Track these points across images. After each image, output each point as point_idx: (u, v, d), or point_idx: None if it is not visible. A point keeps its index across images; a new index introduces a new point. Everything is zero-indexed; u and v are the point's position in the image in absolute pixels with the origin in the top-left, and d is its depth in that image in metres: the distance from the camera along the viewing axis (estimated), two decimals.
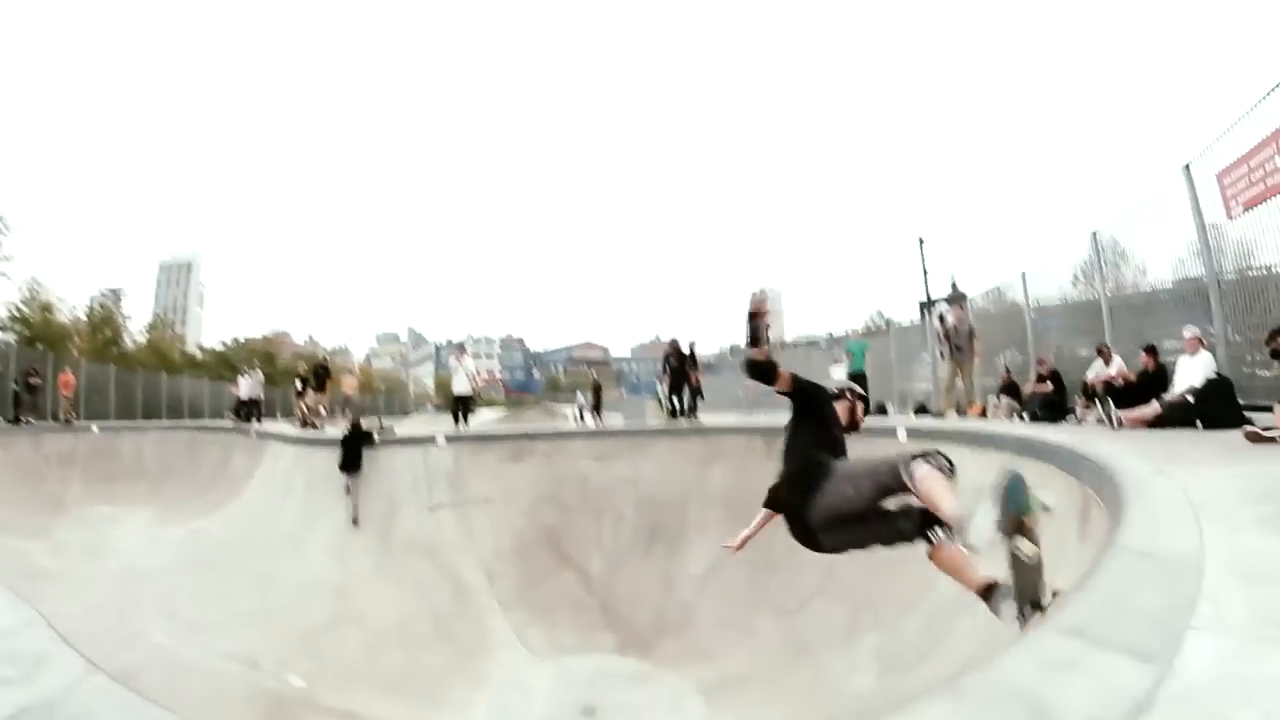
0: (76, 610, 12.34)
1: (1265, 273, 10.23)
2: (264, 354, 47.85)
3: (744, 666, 10.77)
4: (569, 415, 34.96)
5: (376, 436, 16.27)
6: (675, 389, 19.32)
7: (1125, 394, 10.73)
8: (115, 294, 44.14)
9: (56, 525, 18.06)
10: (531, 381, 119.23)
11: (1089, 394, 11.63)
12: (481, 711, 10.46)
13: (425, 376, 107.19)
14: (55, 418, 24.89)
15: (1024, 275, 16.28)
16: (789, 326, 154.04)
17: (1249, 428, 7.46)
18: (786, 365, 5.30)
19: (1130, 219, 12.93)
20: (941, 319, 16.17)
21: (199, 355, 54.69)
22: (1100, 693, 2.40)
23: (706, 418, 19.30)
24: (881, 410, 15.88)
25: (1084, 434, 9.18)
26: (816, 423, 5.27)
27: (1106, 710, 2.30)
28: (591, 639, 12.32)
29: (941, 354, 15.79)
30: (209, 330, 78.55)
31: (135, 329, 46.27)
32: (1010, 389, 14.17)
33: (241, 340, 56.87)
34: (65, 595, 13.06)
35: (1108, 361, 11.98)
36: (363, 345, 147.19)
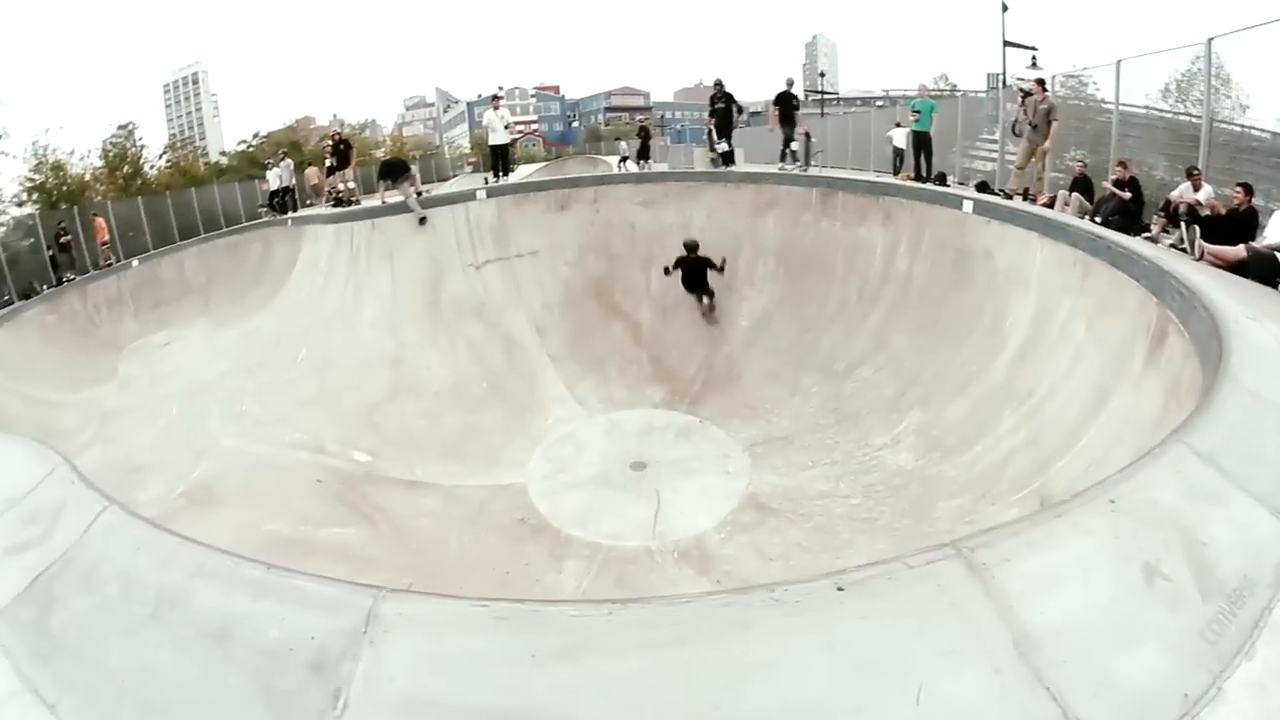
0: (149, 438, 12.92)
1: None
2: (290, 143, 46.78)
3: (788, 426, 10.81)
4: (613, 165, 33.55)
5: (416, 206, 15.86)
6: (722, 132, 18.10)
7: (1211, 226, 9.64)
8: (125, 129, 43.46)
9: (119, 364, 18.49)
10: (571, 132, 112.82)
11: (1171, 214, 10.54)
12: (536, 468, 10.77)
13: (460, 138, 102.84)
14: (96, 266, 25.02)
15: (1119, 65, 13.88)
16: (844, 81, 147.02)
17: None
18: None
19: (1248, 39, 10.95)
20: (1024, 92, 14.97)
21: (224, 162, 54.38)
22: (1246, 545, 2.46)
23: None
24: (941, 180, 15.12)
25: (1163, 254, 8.48)
26: None
27: (1257, 566, 2.36)
28: (641, 392, 12.42)
29: (1016, 130, 14.46)
30: (231, 136, 77.06)
31: (154, 157, 45.83)
32: (1083, 185, 12.81)
33: (264, 135, 55.49)
34: (137, 426, 13.59)
35: (1197, 187, 10.56)
36: (391, 114, 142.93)
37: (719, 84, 18.14)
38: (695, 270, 13.03)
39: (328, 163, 22.45)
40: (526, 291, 14.33)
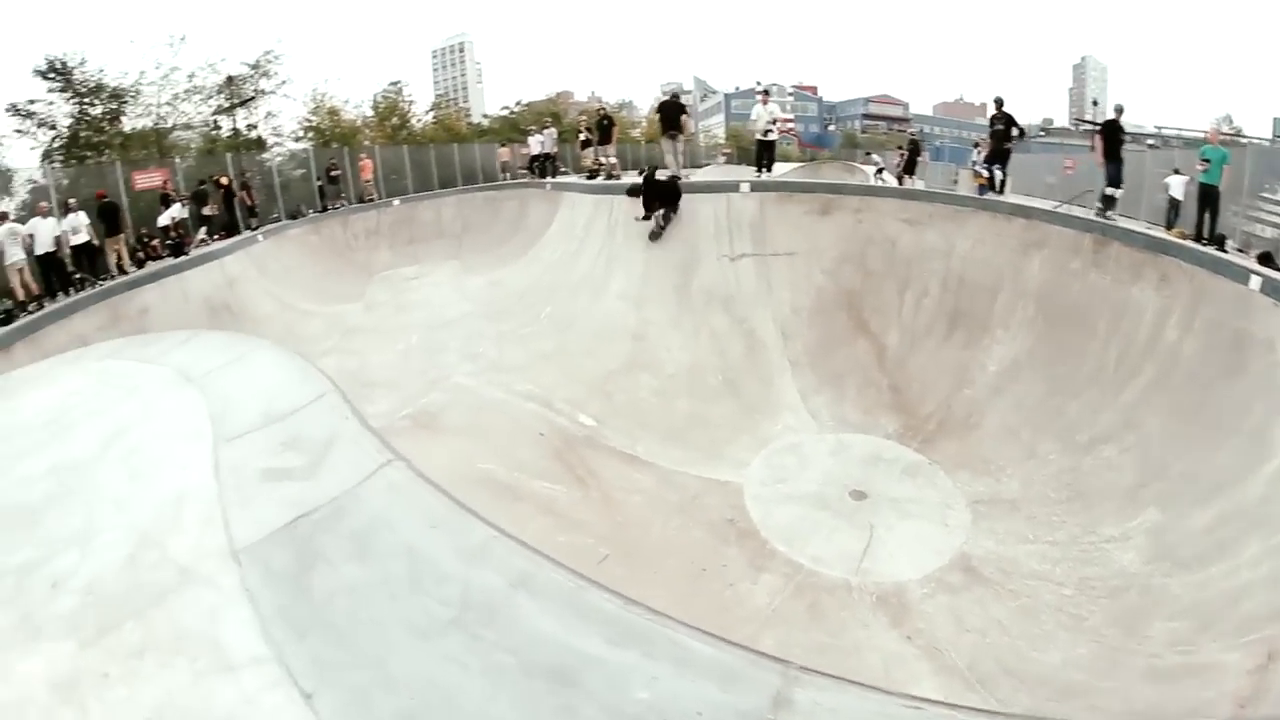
0: (389, 358, 13.68)
1: None
2: (550, 113, 48.62)
3: (1017, 491, 10.03)
4: (869, 175, 32.05)
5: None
6: (996, 157, 16.84)
7: None
8: (396, 85, 46.60)
9: (368, 288, 19.61)
10: (826, 135, 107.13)
11: None
12: (756, 471, 10.52)
13: (716, 128, 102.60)
14: (360, 200, 26.85)
15: None
16: (1110, 110, 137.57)
17: None
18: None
19: None
20: None
21: (485, 124, 56.93)
22: None
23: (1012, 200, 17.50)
24: (1220, 244, 13.49)
25: None
26: None
27: None
28: (875, 418, 11.88)
29: None
30: (491, 104, 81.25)
31: (420, 112, 48.74)
32: None
33: (525, 103, 57.96)
34: (378, 345, 14.42)
35: None
36: (647, 97, 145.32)
37: (999, 103, 16.79)
38: (668, 192, 14.29)
39: (582, 137, 23.00)
40: (777, 292, 14.01)
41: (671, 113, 17.65)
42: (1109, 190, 14.12)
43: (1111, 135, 14.70)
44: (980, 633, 7.52)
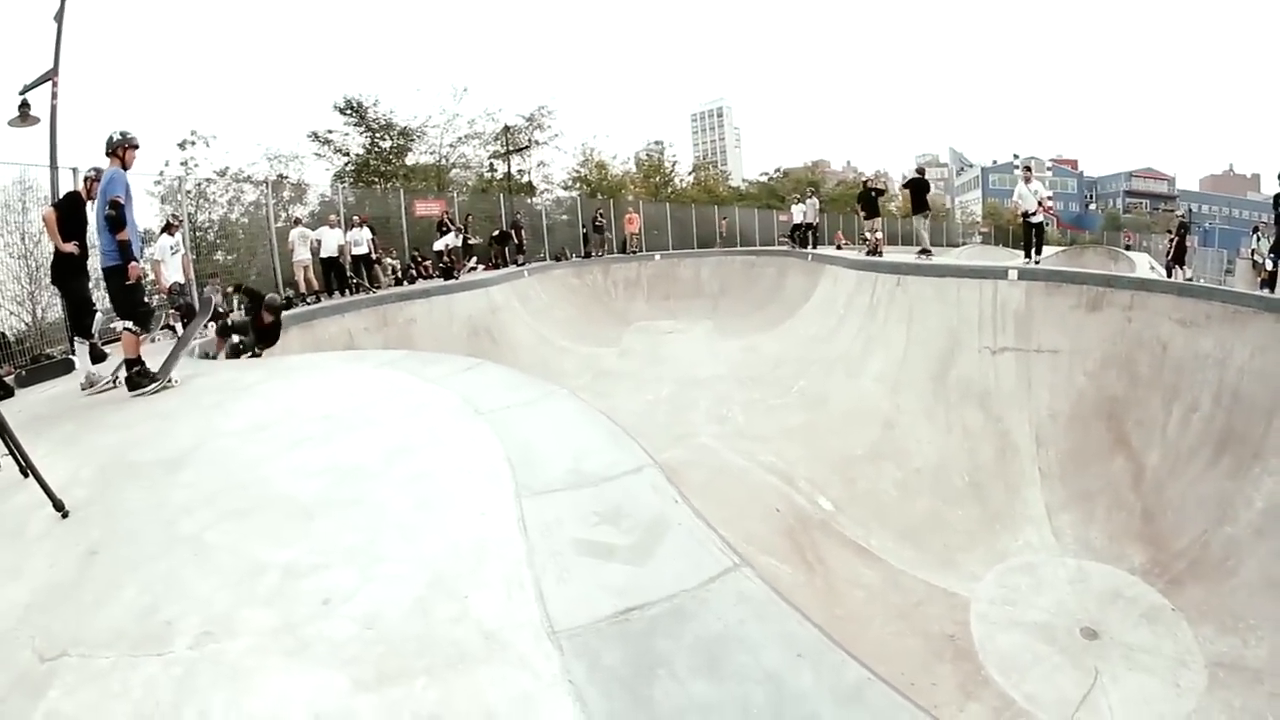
0: (638, 406, 14.28)
1: None
2: (810, 182, 49.28)
3: (1264, 659, 8.84)
4: (1136, 264, 28.72)
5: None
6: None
7: None
8: (659, 144, 49.19)
9: (623, 335, 20.62)
10: (1088, 216, 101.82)
11: None
12: (986, 589, 10.21)
13: (972, 204, 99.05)
14: (623, 250, 28.37)
15: None
16: None
17: None
18: None
19: None
20: None
21: (744, 188, 58.32)
22: None
23: None
24: None
25: None
26: None
27: None
28: (1121, 547, 11.14)
29: None
30: (749, 168, 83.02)
31: (683, 172, 51.00)
32: None
33: (783, 171, 59.43)
34: (629, 392, 15.13)
35: None
36: (902, 168, 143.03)
37: None
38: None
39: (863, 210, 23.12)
40: (1037, 392, 13.40)
41: (919, 190, 17.72)
42: None
43: None
44: None
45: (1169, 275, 21.86)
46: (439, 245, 20.51)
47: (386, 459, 5.01)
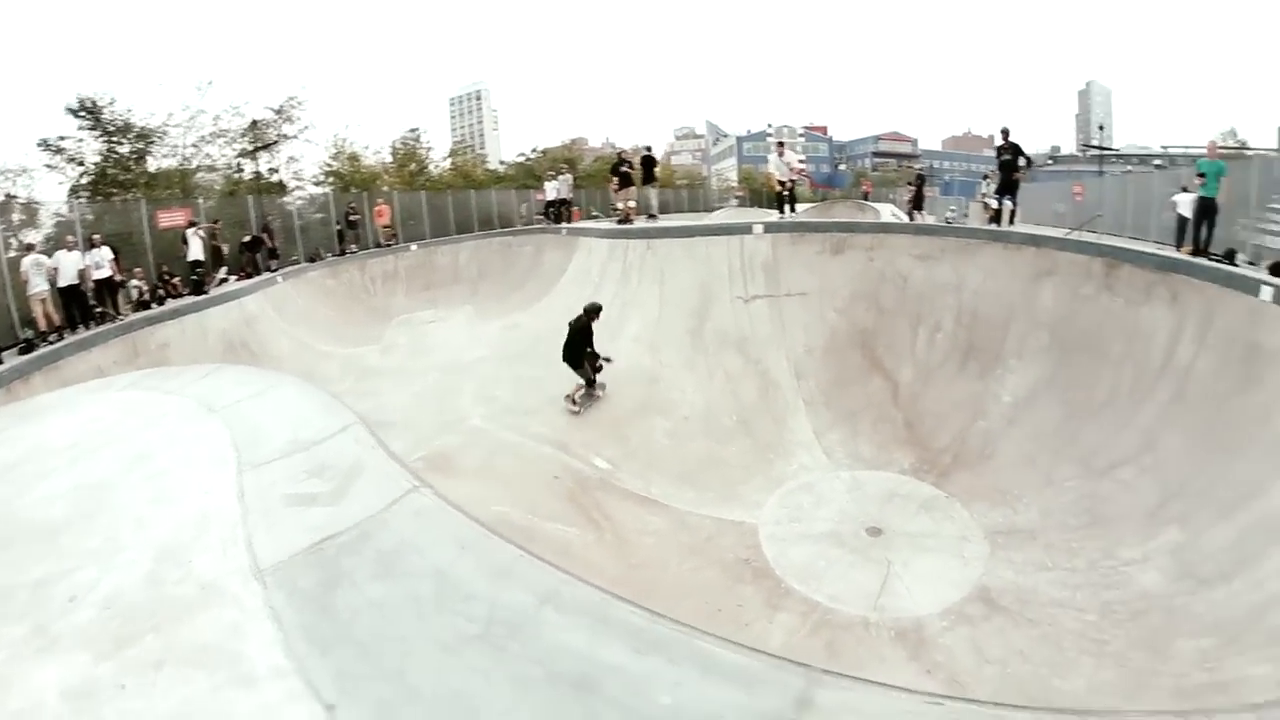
0: (405, 399, 13.81)
1: None
2: (565, 160, 49.20)
3: (1035, 519, 10.01)
4: (880, 213, 31.29)
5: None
6: (1005, 189, 16.99)
7: None
8: (414, 132, 47.44)
9: (385, 331, 19.91)
10: (837, 175, 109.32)
11: None
12: (770, 511, 10.50)
13: (728, 171, 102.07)
14: (377, 245, 27.30)
15: None
16: (1118, 134, 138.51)
17: None
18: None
19: None
20: None
21: (502, 170, 57.69)
22: None
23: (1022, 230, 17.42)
24: (1230, 258, 13.55)
25: None
26: None
27: None
28: (889, 454, 11.88)
29: None
30: (508, 149, 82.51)
31: (438, 158, 49.61)
32: None
33: (540, 150, 58.50)
34: (395, 388, 14.59)
35: None
36: (661, 143, 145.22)
37: (1005, 133, 16.96)
38: (578, 337, 12.61)
39: (617, 181, 23.19)
40: (790, 332, 14.15)
41: (647, 165, 18.99)
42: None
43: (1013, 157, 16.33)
44: (1001, 663, 7.47)
45: (910, 220, 23.87)
46: (192, 255, 18.93)
47: (127, 468, 5.52)
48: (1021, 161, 16.96)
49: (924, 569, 9.22)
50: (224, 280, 20.03)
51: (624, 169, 21.42)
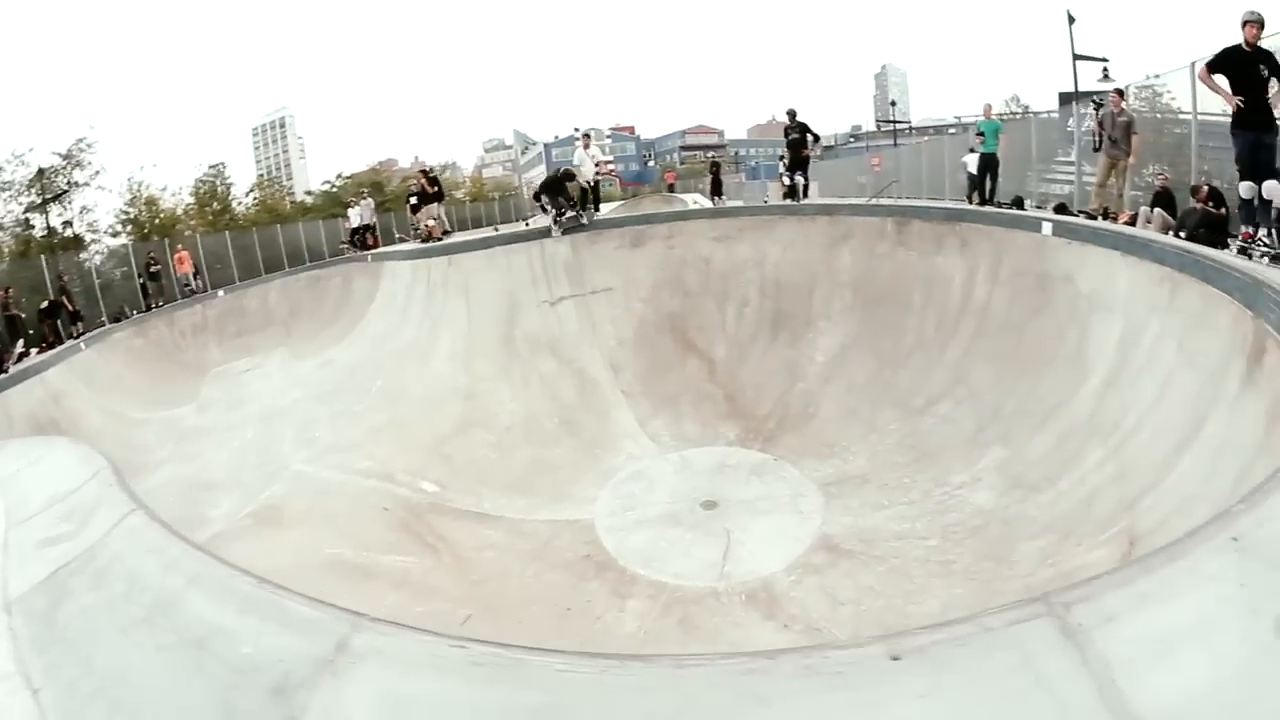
0: (226, 457, 13.23)
1: None
2: (372, 183, 48.00)
3: (864, 465, 10.48)
4: (688, 203, 32.63)
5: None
6: (795, 165, 17.71)
7: None
8: (216, 168, 45.10)
9: (201, 387, 18.96)
10: (647, 171, 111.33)
11: (1255, 220, 9.40)
12: (604, 504, 10.57)
13: (538, 178, 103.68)
14: (183, 294, 25.91)
15: (1193, 66, 12.30)
16: (915, 110, 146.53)
17: None
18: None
19: None
20: (1098, 105, 14.41)
21: (309, 201, 55.84)
22: None
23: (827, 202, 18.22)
24: (1019, 205, 14.69)
25: (1257, 266, 7.92)
26: None
27: None
28: (714, 429, 12.15)
29: (1095, 146, 13.98)
30: (316, 177, 79.79)
31: (242, 194, 47.51)
32: (1165, 200, 12.01)
33: (347, 176, 57.11)
34: (214, 447, 13.95)
35: None
36: (471, 157, 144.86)
37: (792, 114, 17.80)
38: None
39: (412, 201, 22.81)
40: (600, 328, 14.34)
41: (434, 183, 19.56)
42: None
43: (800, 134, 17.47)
44: (855, 603, 7.72)
45: (711, 204, 24.73)
46: None
47: None
48: (810, 139, 17.75)
49: (763, 531, 9.45)
50: (24, 355, 18.60)
51: (417, 191, 21.87)
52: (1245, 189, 8.74)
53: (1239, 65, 8.57)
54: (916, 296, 12.23)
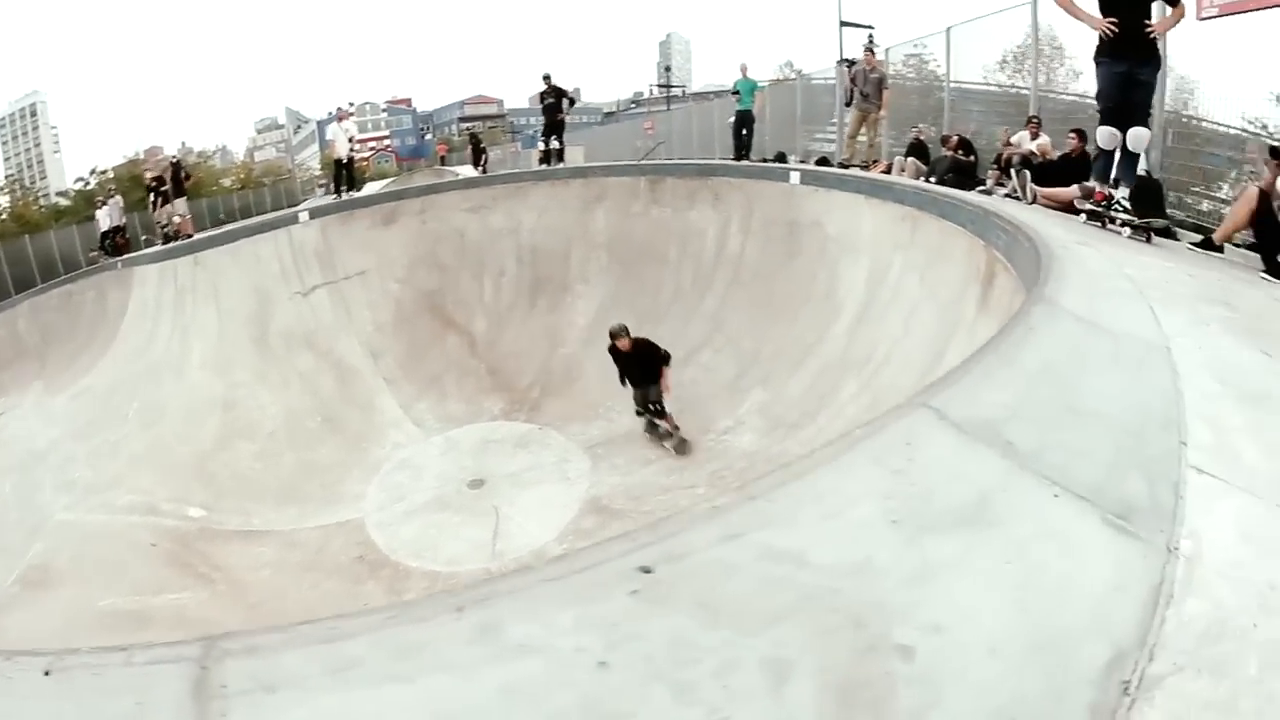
0: None
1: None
2: (130, 177, 44.08)
3: (629, 423, 10.79)
4: (459, 174, 33.56)
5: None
6: (551, 129, 18.06)
7: (1044, 173, 9.82)
8: None
9: None
10: (424, 146, 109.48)
11: (1003, 165, 10.57)
12: (373, 499, 10.58)
13: (311, 159, 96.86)
14: None
15: (949, 31, 14.09)
16: (697, 76, 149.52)
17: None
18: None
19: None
20: (850, 62, 15.19)
21: (62, 203, 51.72)
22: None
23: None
24: (781, 159, 15.40)
25: (993, 202, 8.71)
26: None
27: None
28: (479, 405, 12.33)
29: (847, 102, 14.68)
30: (74, 172, 72.77)
31: None
32: (919, 150, 13.19)
33: (103, 170, 52.14)
34: None
35: (1034, 136, 11.01)
36: (243, 139, 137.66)
37: (547, 78, 17.97)
38: (641, 364, 10.14)
39: (152, 197, 21.65)
40: (357, 314, 14.05)
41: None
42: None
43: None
44: None
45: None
46: None
47: None
48: (565, 104, 18.05)
49: (531, 502, 9.74)
50: None
51: (157, 185, 20.85)
52: (1105, 136, 7.08)
53: None
54: (672, 251, 12.69)
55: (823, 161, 15.11)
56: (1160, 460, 1.93)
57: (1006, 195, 9.98)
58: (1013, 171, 10.05)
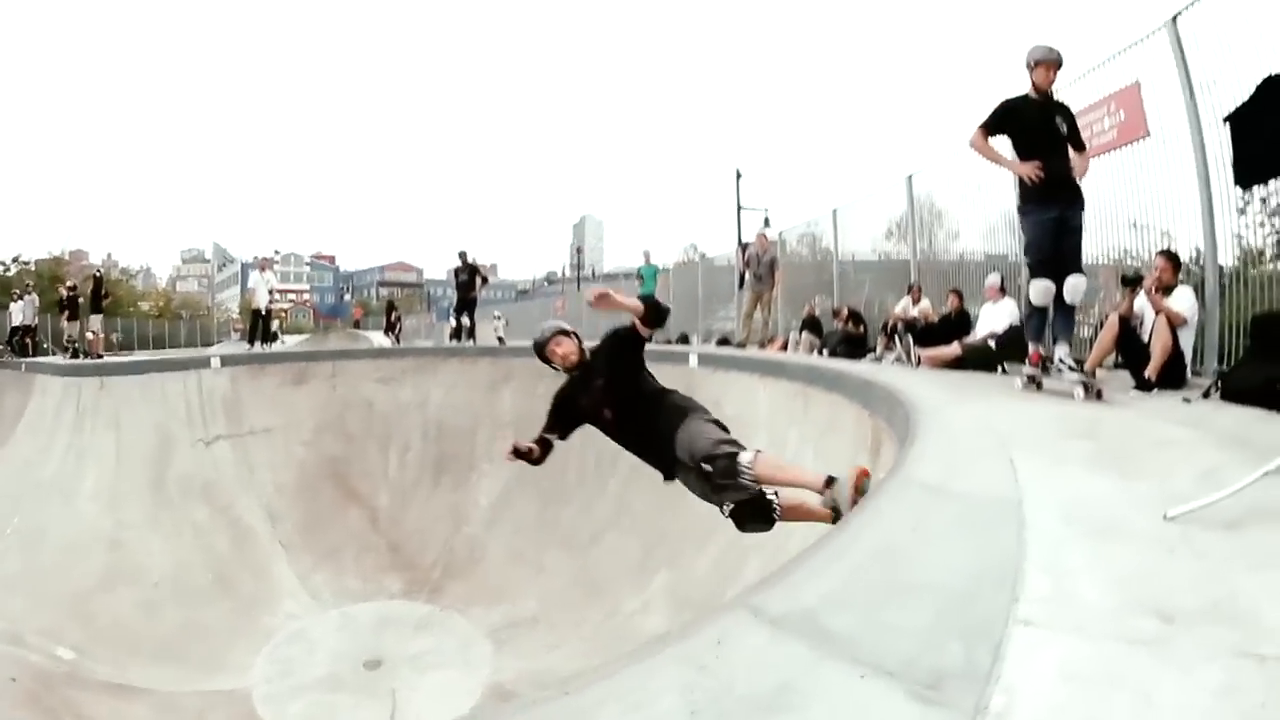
0: None
1: None
2: (52, 275, 42.17)
3: (534, 607, 10.94)
4: (373, 341, 33.50)
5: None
6: (463, 306, 18.64)
7: (927, 334, 10.78)
8: None
9: None
10: (342, 305, 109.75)
11: (890, 332, 11.51)
12: (262, 670, 10.20)
13: (231, 300, 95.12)
14: None
15: (835, 212, 15.75)
16: (609, 257, 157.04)
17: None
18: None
19: (945, 178, 12.78)
20: (744, 245, 16.34)
21: None
22: None
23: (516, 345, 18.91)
24: (684, 340, 16.34)
25: (880, 369, 9.55)
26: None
27: None
28: (378, 582, 12.25)
29: (742, 282, 15.84)
30: None
31: None
32: (812, 325, 14.16)
33: (24, 261, 49.13)
34: None
35: (916, 301, 12.01)
36: (167, 265, 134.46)
37: (463, 255, 18.64)
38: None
39: (63, 308, 21.19)
40: (259, 472, 13.81)
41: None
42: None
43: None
44: None
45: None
46: None
47: None
48: (478, 281, 18.73)
49: (430, 687, 9.60)
50: None
51: (71, 295, 20.47)
52: (1039, 292, 6.37)
53: (1027, 121, 6.36)
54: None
55: (724, 340, 16.10)
56: (985, 622, 2.03)
57: (895, 360, 10.97)
58: (897, 337, 11.09)
